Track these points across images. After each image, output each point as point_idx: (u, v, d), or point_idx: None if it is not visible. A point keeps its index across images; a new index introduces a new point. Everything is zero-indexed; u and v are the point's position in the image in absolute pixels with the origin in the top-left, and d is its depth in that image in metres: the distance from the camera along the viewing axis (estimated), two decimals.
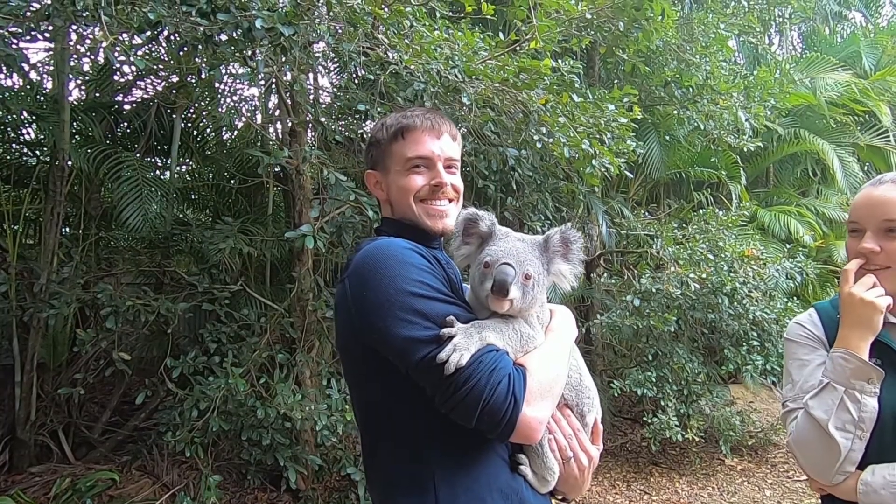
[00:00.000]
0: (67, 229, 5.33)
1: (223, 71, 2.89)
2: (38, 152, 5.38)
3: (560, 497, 1.39)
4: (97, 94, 5.60)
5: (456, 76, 2.87)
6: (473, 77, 2.98)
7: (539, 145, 3.11)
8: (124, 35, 2.85)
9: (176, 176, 5.82)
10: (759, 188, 9.24)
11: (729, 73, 5.37)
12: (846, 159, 8.31)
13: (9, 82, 5.28)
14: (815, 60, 8.34)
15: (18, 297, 4.25)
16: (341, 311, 1.29)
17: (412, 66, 2.82)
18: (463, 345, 1.13)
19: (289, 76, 3.53)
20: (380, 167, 1.42)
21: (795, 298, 6.03)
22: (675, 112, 5.66)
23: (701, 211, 6.21)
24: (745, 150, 6.05)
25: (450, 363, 1.10)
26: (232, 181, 5.93)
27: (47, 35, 2.81)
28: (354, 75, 3.85)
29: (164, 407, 3.89)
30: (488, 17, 3.19)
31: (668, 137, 6.59)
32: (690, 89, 5.14)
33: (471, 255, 1.31)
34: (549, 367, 1.24)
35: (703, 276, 5.02)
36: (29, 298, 4.15)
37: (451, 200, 1.40)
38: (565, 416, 1.33)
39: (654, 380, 5.04)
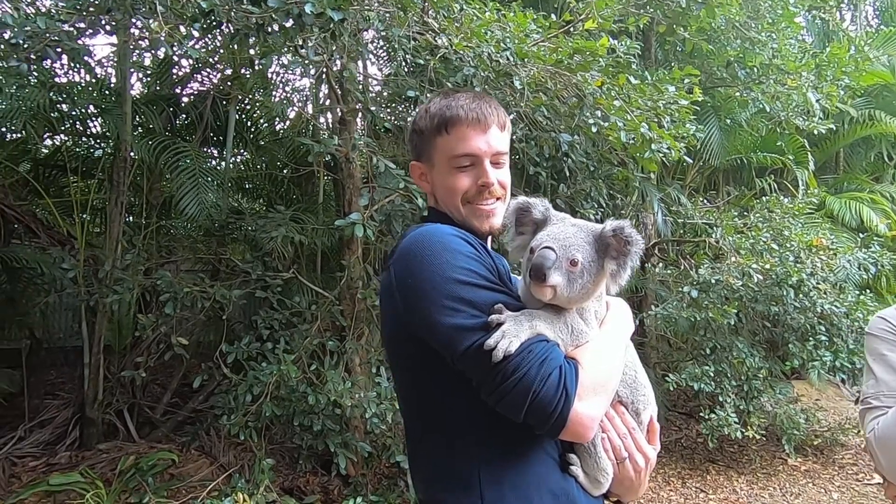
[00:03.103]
0: (130, 218, 5.56)
1: (275, 61, 2.91)
2: (103, 144, 5.62)
3: (615, 500, 1.32)
4: (157, 88, 5.79)
5: (508, 59, 2.79)
6: (525, 60, 2.88)
7: (594, 130, 2.99)
8: (181, 28, 2.90)
9: (231, 166, 5.97)
10: (828, 174, 8.72)
11: (798, 52, 5.03)
12: None
13: (76, 78, 5.53)
14: (892, 36, 7.76)
15: (86, 283, 4.46)
16: (386, 299, 1.26)
17: (462, 51, 2.75)
18: (512, 332, 1.07)
19: (338, 64, 3.53)
20: (424, 159, 1.36)
21: (868, 291, 5.66)
22: (738, 94, 5.36)
23: (764, 198, 5.91)
24: (815, 133, 5.69)
25: (498, 350, 1.05)
26: (284, 170, 6.04)
27: (108, 29, 2.91)
28: (403, 62, 3.82)
29: (220, 391, 4.01)
30: None
31: (728, 121, 6.26)
32: (755, 69, 4.84)
33: (527, 246, 1.25)
34: (602, 361, 1.17)
35: (767, 266, 4.77)
36: (95, 284, 4.35)
37: (498, 199, 1.33)
38: (619, 413, 1.26)
39: (711, 374, 4.84)
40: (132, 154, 4.84)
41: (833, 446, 5.59)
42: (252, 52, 5.38)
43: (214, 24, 2.48)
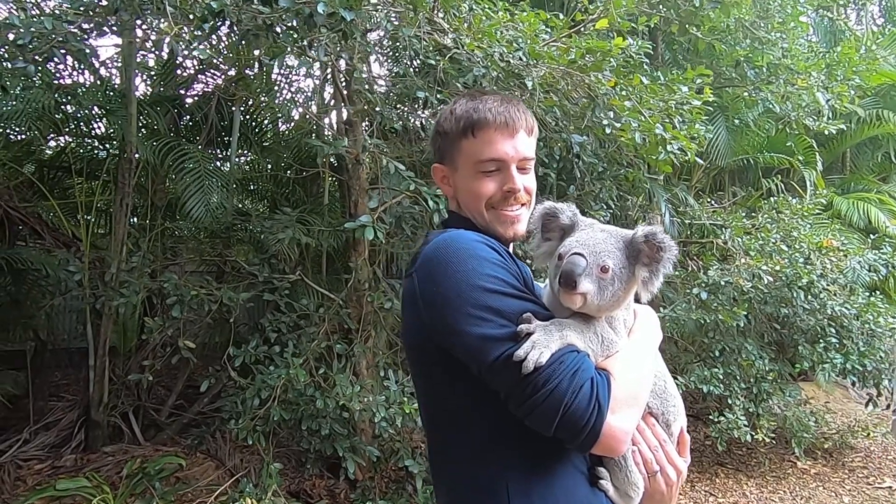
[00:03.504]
0: (135, 220, 5.53)
1: (286, 60, 2.88)
2: (107, 145, 5.60)
3: None
4: (161, 89, 5.76)
5: (520, 59, 2.75)
6: (538, 60, 2.85)
7: (608, 130, 2.95)
8: (186, 29, 2.87)
9: (235, 167, 5.94)
10: (834, 174, 8.67)
11: (808, 51, 4.99)
12: None
13: (81, 79, 5.50)
14: None
15: (91, 285, 4.43)
16: (409, 307, 1.22)
17: (474, 50, 2.72)
18: (542, 342, 1.04)
19: (343, 65, 3.49)
20: (447, 161, 1.33)
21: (877, 293, 5.62)
22: (746, 94, 5.31)
23: (772, 199, 5.86)
24: (823, 133, 5.65)
25: (528, 361, 1.01)
26: (288, 172, 6.01)
27: (115, 29, 2.88)
28: (411, 63, 3.78)
29: (227, 393, 3.97)
30: None
31: (736, 121, 6.22)
32: (764, 69, 4.80)
33: (553, 253, 1.21)
34: (634, 372, 1.14)
35: (777, 268, 4.73)
36: (101, 286, 4.32)
37: (522, 205, 1.30)
38: (650, 425, 1.22)
39: (720, 377, 4.80)
40: (137, 155, 4.81)
41: (842, 449, 5.55)
42: (257, 52, 5.36)
43: (222, 23, 2.45)
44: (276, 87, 6.07)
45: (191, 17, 2.43)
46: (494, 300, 1.10)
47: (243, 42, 2.46)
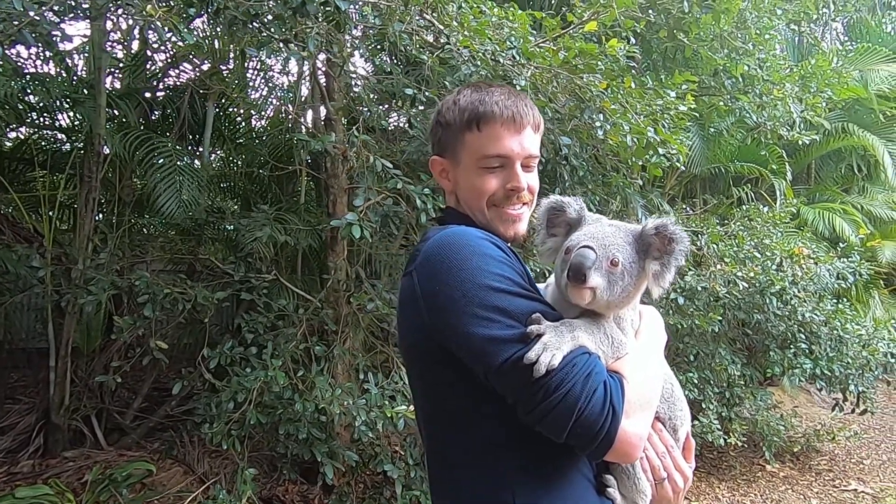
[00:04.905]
0: (101, 216, 5.32)
1: (264, 53, 2.79)
2: (72, 138, 5.38)
3: None
4: (130, 82, 5.56)
5: (514, 57, 2.72)
6: (530, 60, 2.82)
7: (600, 133, 2.95)
8: (157, 22, 2.76)
9: (208, 163, 5.77)
10: (800, 185, 8.93)
11: (782, 63, 5.12)
12: None
13: (45, 69, 5.27)
14: (865, 51, 8.00)
15: (54, 282, 4.22)
16: (408, 307, 1.17)
17: (467, 46, 2.68)
18: (554, 343, 0.99)
19: (321, 59, 3.39)
20: (448, 155, 1.28)
21: (844, 300, 5.78)
22: (721, 103, 5.41)
23: (743, 207, 5.99)
24: (793, 143, 5.79)
25: (540, 363, 0.97)
26: (261, 170, 5.87)
27: (90, 14, 2.74)
28: (397, 59, 3.72)
29: (198, 396, 3.83)
30: None
31: (711, 130, 6.34)
32: (740, 79, 4.90)
33: (559, 249, 1.18)
34: (644, 375, 1.11)
35: (751, 274, 4.82)
36: (65, 284, 4.13)
37: (525, 203, 1.26)
38: (657, 431, 1.20)
39: (695, 381, 4.86)
40: (106, 149, 4.62)
41: (809, 452, 5.68)
42: (233, 45, 5.22)
43: (205, 11, 2.36)
44: (252, 83, 5.94)
45: (172, 2, 2.33)
46: (501, 300, 1.05)
47: (228, 32, 2.36)
